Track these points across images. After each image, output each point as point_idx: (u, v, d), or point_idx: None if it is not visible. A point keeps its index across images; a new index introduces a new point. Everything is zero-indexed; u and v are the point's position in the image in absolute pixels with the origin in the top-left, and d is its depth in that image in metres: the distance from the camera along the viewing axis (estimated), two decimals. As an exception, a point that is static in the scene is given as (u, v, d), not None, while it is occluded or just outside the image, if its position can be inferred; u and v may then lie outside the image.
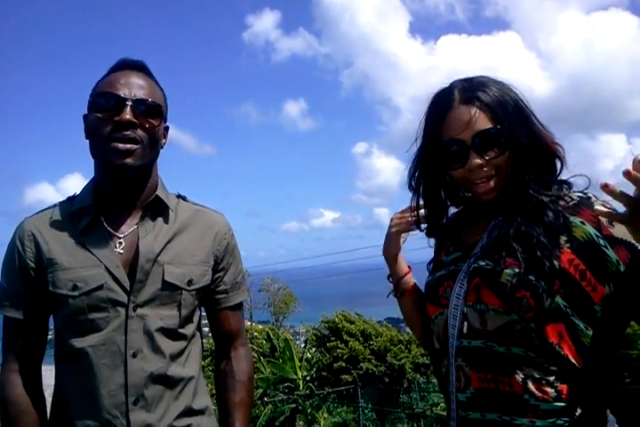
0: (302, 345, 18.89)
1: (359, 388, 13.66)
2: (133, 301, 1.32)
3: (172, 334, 1.37)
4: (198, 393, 1.41)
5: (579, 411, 1.13)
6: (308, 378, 14.97)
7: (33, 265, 1.34)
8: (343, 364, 14.23)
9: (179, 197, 1.50)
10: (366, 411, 13.44)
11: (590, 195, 1.22)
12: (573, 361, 1.14)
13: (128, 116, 1.29)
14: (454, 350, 1.22)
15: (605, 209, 1.02)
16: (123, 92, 1.31)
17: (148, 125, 1.33)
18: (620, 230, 1.15)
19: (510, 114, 1.22)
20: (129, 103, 1.30)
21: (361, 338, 15.06)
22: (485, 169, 1.22)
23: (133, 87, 1.33)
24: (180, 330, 1.38)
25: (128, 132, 1.30)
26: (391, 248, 1.47)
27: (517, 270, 1.14)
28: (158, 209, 1.41)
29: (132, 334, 1.31)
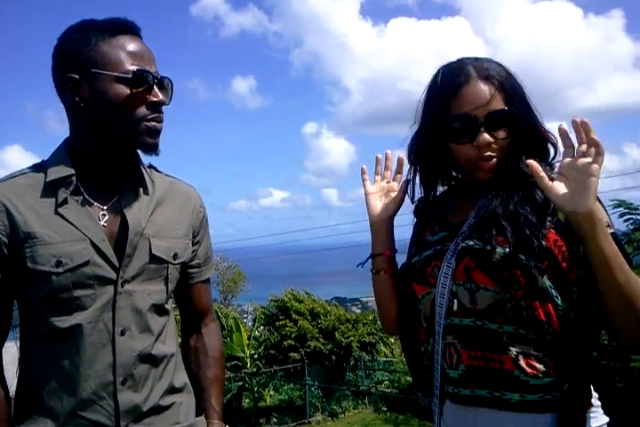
0: (250, 324, 18.91)
1: (306, 366, 13.82)
2: (121, 276, 1.25)
3: (159, 309, 1.32)
4: (178, 370, 1.38)
5: (566, 386, 1.17)
6: (256, 356, 15.01)
7: (5, 240, 1.21)
8: (292, 342, 14.34)
9: (150, 167, 1.43)
10: (312, 389, 13.63)
11: None
12: (561, 338, 1.17)
13: (162, 97, 1.27)
14: (442, 329, 1.24)
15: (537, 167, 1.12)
16: (149, 68, 1.26)
17: (168, 103, 1.32)
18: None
19: (519, 98, 1.25)
20: (156, 81, 1.27)
21: (309, 317, 15.18)
22: (493, 147, 1.23)
23: (151, 61, 1.28)
24: (166, 305, 1.35)
25: (161, 114, 1.28)
26: (370, 210, 1.45)
27: (508, 249, 1.16)
28: (138, 180, 1.34)
29: (120, 312, 1.24)
